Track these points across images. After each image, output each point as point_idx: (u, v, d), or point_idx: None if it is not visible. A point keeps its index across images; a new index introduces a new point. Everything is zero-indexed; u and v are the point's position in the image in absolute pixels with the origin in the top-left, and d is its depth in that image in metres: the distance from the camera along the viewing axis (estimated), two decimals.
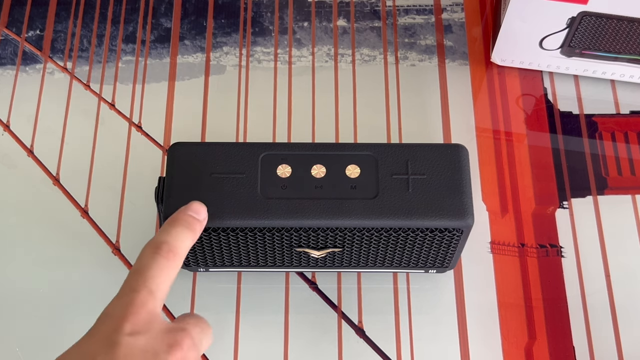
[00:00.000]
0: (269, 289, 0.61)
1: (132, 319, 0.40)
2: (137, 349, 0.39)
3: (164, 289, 0.43)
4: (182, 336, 0.41)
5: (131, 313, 0.40)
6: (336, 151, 0.54)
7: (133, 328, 0.40)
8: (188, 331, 0.42)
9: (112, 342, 0.39)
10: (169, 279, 0.44)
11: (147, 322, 0.41)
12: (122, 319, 0.40)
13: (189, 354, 0.40)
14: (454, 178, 0.53)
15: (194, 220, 0.48)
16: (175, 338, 0.41)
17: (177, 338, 0.41)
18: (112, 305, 0.42)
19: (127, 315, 0.40)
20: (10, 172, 0.65)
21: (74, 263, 0.62)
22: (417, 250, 0.55)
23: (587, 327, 0.59)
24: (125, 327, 0.40)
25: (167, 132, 0.67)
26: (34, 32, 0.72)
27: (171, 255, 0.44)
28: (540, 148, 0.66)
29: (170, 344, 0.40)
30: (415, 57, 0.71)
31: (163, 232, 0.46)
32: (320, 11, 0.74)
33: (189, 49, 0.71)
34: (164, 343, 0.40)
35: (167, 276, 0.43)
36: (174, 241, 0.45)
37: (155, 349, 0.39)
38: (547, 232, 0.63)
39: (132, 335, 0.39)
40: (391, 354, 0.58)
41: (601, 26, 0.63)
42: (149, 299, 0.42)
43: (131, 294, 0.42)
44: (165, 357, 0.39)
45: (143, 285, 0.42)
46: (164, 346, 0.40)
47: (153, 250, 0.44)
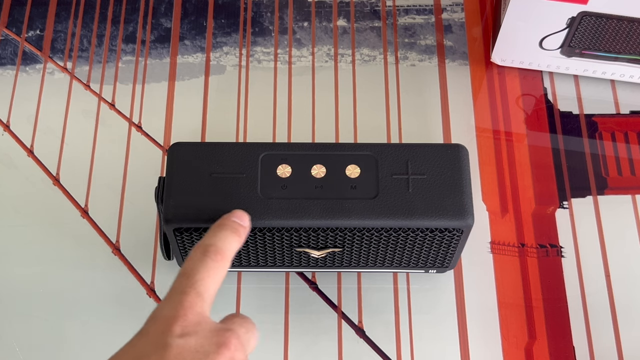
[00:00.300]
0: (269, 289, 0.61)
1: (182, 321, 0.41)
2: (187, 350, 0.40)
3: (212, 291, 0.44)
4: (229, 336, 0.42)
5: (180, 315, 0.41)
6: (336, 151, 0.54)
7: (183, 330, 0.41)
8: (235, 331, 0.42)
9: (164, 344, 0.40)
10: (216, 281, 0.44)
11: (196, 324, 0.41)
12: (172, 320, 0.41)
13: (236, 354, 0.41)
14: (454, 178, 0.53)
15: (238, 225, 0.49)
16: (224, 338, 0.41)
17: (225, 338, 0.41)
18: (161, 307, 0.43)
19: (177, 317, 0.41)
20: (10, 172, 0.65)
21: (74, 263, 0.62)
22: (417, 250, 0.55)
23: (587, 327, 0.59)
24: (175, 329, 0.41)
25: (167, 132, 0.67)
26: (34, 32, 0.72)
27: (219, 257, 0.45)
28: (540, 148, 0.66)
29: (219, 344, 0.41)
30: (415, 57, 0.71)
31: (210, 235, 0.47)
32: (320, 11, 0.74)
33: (189, 49, 0.71)
34: (213, 343, 0.41)
35: (214, 278, 0.44)
36: (221, 244, 0.46)
37: (205, 349, 0.40)
38: (547, 232, 0.63)
39: (182, 337, 0.40)
40: (391, 354, 0.58)
41: (601, 26, 0.63)
42: (197, 301, 0.42)
43: (180, 296, 0.42)
44: (214, 357, 0.40)
45: (191, 288, 0.43)
46: (213, 346, 0.41)
47: (201, 252, 0.45)
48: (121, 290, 0.61)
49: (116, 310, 0.60)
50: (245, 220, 0.50)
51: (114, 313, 0.60)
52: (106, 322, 0.59)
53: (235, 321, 0.43)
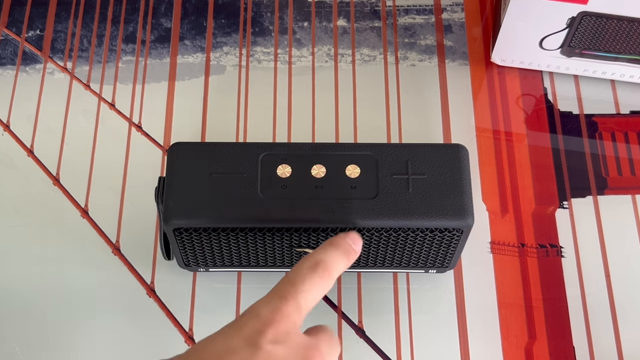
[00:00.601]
0: (269, 289, 0.60)
1: (276, 327, 0.42)
2: (275, 357, 0.41)
3: (310, 305, 0.44)
4: (313, 353, 0.43)
5: (276, 320, 0.42)
6: (336, 151, 0.54)
7: (275, 337, 0.41)
8: (319, 348, 0.43)
9: (255, 344, 0.41)
10: (318, 296, 0.45)
11: (288, 334, 0.42)
12: (267, 324, 0.42)
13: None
14: (454, 178, 0.53)
15: (351, 248, 0.49)
16: (309, 354, 0.42)
17: (310, 354, 0.42)
18: (260, 306, 0.43)
19: (272, 322, 0.42)
20: (10, 172, 0.65)
21: (74, 263, 0.62)
22: (417, 250, 0.55)
23: (587, 327, 0.59)
24: (268, 333, 0.41)
25: (167, 132, 0.67)
26: (34, 32, 0.72)
27: (326, 275, 0.45)
28: (540, 148, 0.66)
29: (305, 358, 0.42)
30: (415, 57, 0.71)
31: (323, 251, 0.47)
32: (320, 11, 0.74)
33: (189, 49, 0.71)
34: (300, 356, 0.42)
35: (317, 294, 0.45)
36: (331, 262, 0.46)
37: None
38: (547, 232, 0.63)
39: (273, 344, 0.41)
40: (391, 354, 0.58)
41: (601, 26, 0.63)
42: (294, 311, 0.43)
43: (280, 301, 0.43)
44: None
45: (293, 297, 0.43)
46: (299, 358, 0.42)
47: (311, 266, 0.45)
48: (121, 290, 0.61)
49: (116, 310, 0.60)
50: (358, 245, 0.50)
51: (114, 313, 0.60)
52: (106, 322, 0.59)
53: (322, 338, 0.44)
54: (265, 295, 0.44)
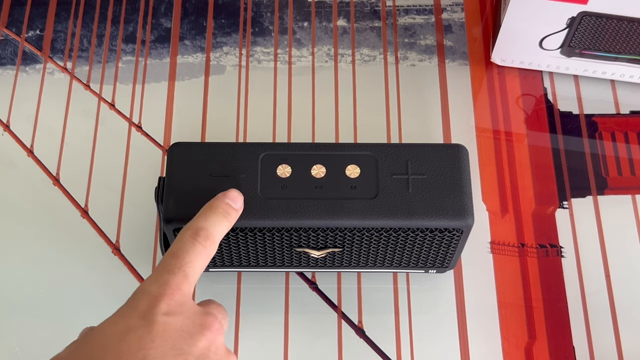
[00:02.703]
0: (269, 289, 0.61)
1: (168, 300, 0.43)
2: (172, 328, 0.42)
3: (197, 274, 0.45)
4: (212, 320, 0.44)
5: (167, 294, 0.43)
6: (336, 151, 0.54)
7: (168, 308, 0.42)
8: (215, 315, 0.44)
9: (150, 320, 0.42)
10: (203, 264, 0.46)
11: (181, 304, 0.43)
12: (159, 298, 0.42)
13: (217, 337, 0.44)
14: (454, 178, 0.53)
15: (230, 208, 0.50)
16: (207, 321, 0.43)
17: (208, 322, 0.43)
18: (149, 284, 0.44)
19: (163, 296, 0.43)
20: (10, 172, 0.65)
21: (74, 263, 0.62)
22: (417, 250, 0.55)
23: (587, 327, 0.59)
24: (161, 307, 0.42)
25: (167, 132, 0.67)
26: (34, 32, 0.72)
27: (208, 243, 0.46)
28: (540, 148, 0.66)
29: (203, 326, 0.43)
30: (415, 57, 0.71)
31: (201, 218, 0.48)
32: (320, 11, 0.74)
33: (189, 49, 0.71)
34: (197, 325, 0.43)
35: (202, 262, 0.46)
36: (211, 228, 0.47)
37: (189, 329, 0.42)
38: (547, 232, 0.63)
39: (168, 315, 0.42)
40: (391, 354, 0.58)
41: (601, 26, 0.63)
42: (184, 282, 0.44)
43: (168, 276, 0.44)
44: (198, 337, 0.42)
45: (179, 269, 0.44)
46: (197, 327, 0.43)
47: (191, 235, 0.46)
48: (121, 290, 0.60)
49: None
50: (238, 203, 0.50)
51: None
52: None
53: (214, 307, 0.45)
54: (152, 273, 0.45)
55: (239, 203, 0.51)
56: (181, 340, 0.42)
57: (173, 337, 0.41)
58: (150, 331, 0.41)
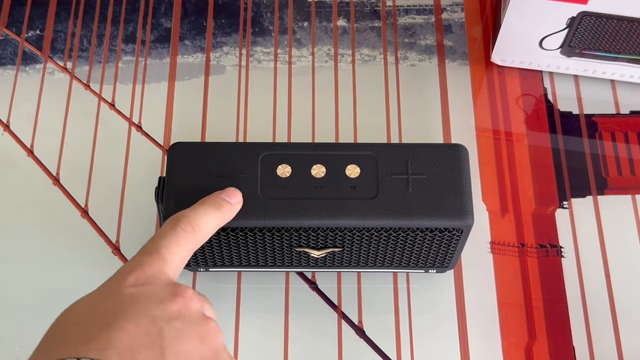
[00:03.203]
0: (269, 289, 0.61)
1: (137, 274, 0.42)
2: (141, 295, 0.40)
3: (177, 258, 0.44)
4: (185, 288, 0.42)
5: (138, 270, 0.42)
6: (336, 151, 0.54)
7: (136, 281, 0.41)
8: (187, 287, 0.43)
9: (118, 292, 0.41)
10: (183, 249, 0.45)
11: (152, 277, 0.42)
12: (128, 274, 0.42)
13: (191, 302, 0.42)
14: (454, 178, 0.53)
15: (223, 201, 0.49)
16: (179, 289, 0.42)
17: (180, 289, 0.42)
18: (123, 266, 0.43)
19: (133, 272, 0.42)
20: (10, 172, 0.65)
21: (74, 263, 0.62)
22: (417, 250, 0.55)
23: (587, 327, 0.59)
24: (128, 280, 0.41)
25: (167, 132, 0.67)
26: (34, 32, 0.72)
27: (189, 228, 0.45)
28: (540, 148, 0.66)
29: (174, 293, 0.41)
30: (415, 57, 0.71)
31: (190, 208, 0.48)
32: (320, 11, 0.74)
33: (189, 49, 0.71)
34: (168, 291, 0.41)
35: (181, 246, 0.45)
36: (195, 216, 0.47)
37: (159, 296, 0.41)
38: (547, 232, 0.63)
39: (135, 286, 0.41)
40: (391, 354, 0.58)
41: (601, 26, 0.63)
42: (158, 261, 0.43)
43: (141, 257, 0.43)
44: (168, 303, 0.40)
45: (155, 251, 0.43)
46: (168, 294, 0.41)
47: (172, 221, 0.46)
48: None
49: None
50: (234, 198, 0.50)
51: None
52: None
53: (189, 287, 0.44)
54: None
55: (235, 199, 0.50)
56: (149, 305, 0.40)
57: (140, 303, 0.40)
58: (115, 301, 0.40)
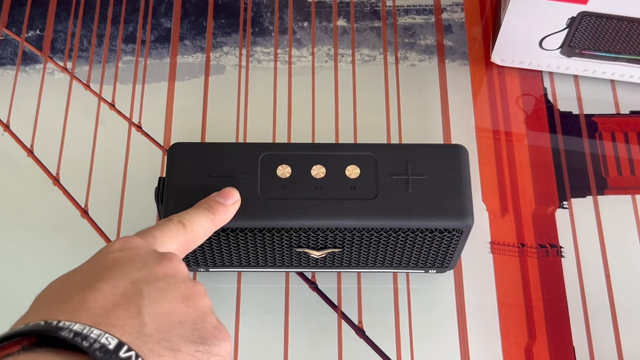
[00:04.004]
0: (269, 289, 0.61)
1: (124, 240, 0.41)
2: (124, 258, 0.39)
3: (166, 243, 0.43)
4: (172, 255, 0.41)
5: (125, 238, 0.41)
6: (336, 151, 0.54)
7: (122, 246, 0.40)
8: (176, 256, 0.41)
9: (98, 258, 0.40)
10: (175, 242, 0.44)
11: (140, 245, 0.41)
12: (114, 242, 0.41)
13: (179, 265, 0.40)
14: (454, 178, 0.53)
15: (217, 203, 0.49)
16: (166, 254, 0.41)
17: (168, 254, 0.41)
18: None
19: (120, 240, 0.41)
20: (10, 172, 0.65)
21: (74, 263, 0.62)
22: (417, 250, 0.55)
23: (587, 327, 0.59)
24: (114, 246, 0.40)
25: (167, 132, 0.67)
26: (34, 32, 0.72)
27: (180, 225, 0.46)
28: (540, 148, 0.66)
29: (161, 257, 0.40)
30: (415, 57, 0.71)
31: (184, 211, 0.48)
32: (320, 11, 0.74)
33: (189, 49, 0.71)
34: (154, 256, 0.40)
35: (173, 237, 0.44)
36: (188, 217, 0.47)
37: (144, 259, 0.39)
38: (547, 232, 0.63)
39: (120, 251, 0.40)
40: (391, 354, 0.58)
41: (601, 26, 0.63)
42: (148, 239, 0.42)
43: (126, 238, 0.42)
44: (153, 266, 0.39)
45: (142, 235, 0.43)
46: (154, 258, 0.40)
47: (166, 219, 0.46)
48: None
49: None
50: (230, 199, 0.50)
51: None
52: None
53: None
54: None
55: (230, 199, 0.50)
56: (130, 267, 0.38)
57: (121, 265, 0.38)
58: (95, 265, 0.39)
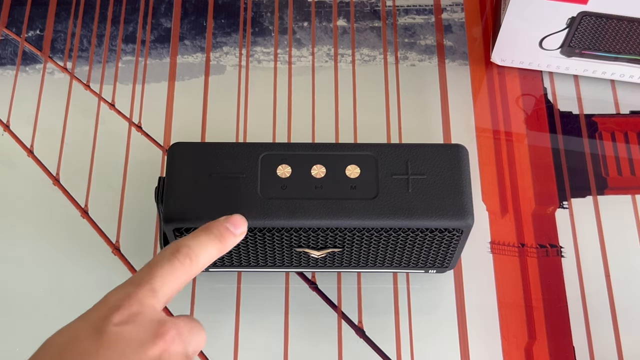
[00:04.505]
0: (269, 289, 0.61)
1: (123, 311, 0.40)
2: (122, 338, 0.39)
3: (168, 290, 0.43)
4: (168, 328, 0.40)
5: (125, 305, 0.40)
6: (336, 151, 0.54)
7: (122, 319, 0.40)
8: (176, 324, 0.41)
9: (100, 330, 0.39)
10: (177, 282, 0.43)
11: (138, 313, 0.40)
12: (115, 309, 0.40)
13: (172, 346, 0.40)
14: (454, 178, 0.53)
15: (228, 232, 0.47)
16: (162, 329, 0.40)
17: (164, 330, 0.40)
18: (112, 294, 0.42)
19: (120, 307, 0.40)
20: (10, 172, 0.65)
21: (74, 263, 0.62)
22: (417, 250, 0.55)
23: (587, 327, 0.59)
24: (114, 318, 0.40)
25: (167, 132, 0.67)
26: (34, 32, 0.72)
27: (187, 261, 0.44)
28: (540, 148, 0.66)
29: (156, 334, 0.40)
30: (415, 57, 0.71)
31: (192, 236, 0.45)
32: (320, 11, 0.74)
33: (189, 49, 0.71)
34: (150, 333, 0.40)
35: (175, 279, 0.43)
36: (196, 247, 0.44)
37: (140, 337, 0.39)
38: (547, 232, 0.63)
39: (119, 325, 0.39)
40: (391, 354, 0.58)
41: (601, 26, 0.63)
42: (148, 296, 0.41)
43: (132, 287, 0.41)
44: (148, 346, 0.39)
45: (147, 282, 0.42)
46: (149, 336, 0.39)
47: (172, 251, 0.44)
48: None
49: None
50: (239, 228, 0.48)
51: None
52: None
53: (182, 318, 0.42)
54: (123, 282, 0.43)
55: (240, 228, 0.48)
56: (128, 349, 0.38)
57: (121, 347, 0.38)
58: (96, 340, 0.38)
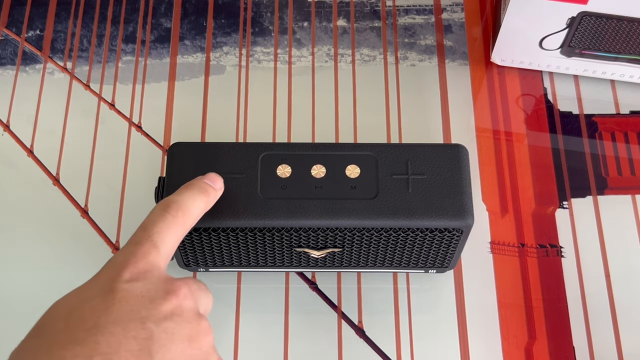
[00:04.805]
0: (269, 289, 0.61)
1: (132, 268, 0.41)
2: (133, 294, 0.40)
3: (168, 244, 0.44)
4: (179, 285, 0.41)
5: (131, 262, 0.41)
6: (336, 151, 0.54)
7: (131, 276, 0.41)
8: (187, 282, 0.42)
9: (110, 289, 0.40)
10: (175, 235, 0.45)
11: (146, 271, 0.41)
12: (122, 267, 0.41)
13: (184, 302, 0.41)
14: (454, 178, 0.53)
15: (208, 186, 0.49)
16: (173, 286, 0.41)
17: (175, 287, 0.41)
18: (116, 256, 0.43)
19: (128, 265, 0.41)
20: (10, 172, 0.65)
21: (74, 263, 0.62)
22: (417, 250, 0.55)
23: (587, 327, 0.59)
24: (124, 275, 0.41)
25: (167, 132, 0.67)
26: (34, 32, 0.72)
27: (180, 214, 0.45)
28: (540, 148, 0.66)
29: (167, 291, 0.41)
30: (415, 57, 0.71)
31: (176, 193, 0.47)
32: (320, 11, 0.74)
33: (189, 49, 0.71)
34: (160, 290, 0.41)
35: (173, 233, 0.44)
36: (184, 201, 0.46)
37: (150, 294, 0.40)
38: (547, 232, 0.63)
39: (129, 282, 0.40)
40: (391, 354, 0.58)
41: (601, 26, 0.63)
42: (151, 251, 0.42)
43: (134, 246, 0.43)
44: (160, 302, 0.40)
45: (147, 239, 0.43)
46: (160, 292, 0.40)
47: (162, 208, 0.46)
48: None
49: None
50: (217, 183, 0.50)
51: None
52: None
53: (190, 278, 0.44)
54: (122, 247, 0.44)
55: (218, 184, 0.50)
56: (139, 305, 0.39)
57: (131, 303, 0.39)
58: (105, 299, 0.39)
